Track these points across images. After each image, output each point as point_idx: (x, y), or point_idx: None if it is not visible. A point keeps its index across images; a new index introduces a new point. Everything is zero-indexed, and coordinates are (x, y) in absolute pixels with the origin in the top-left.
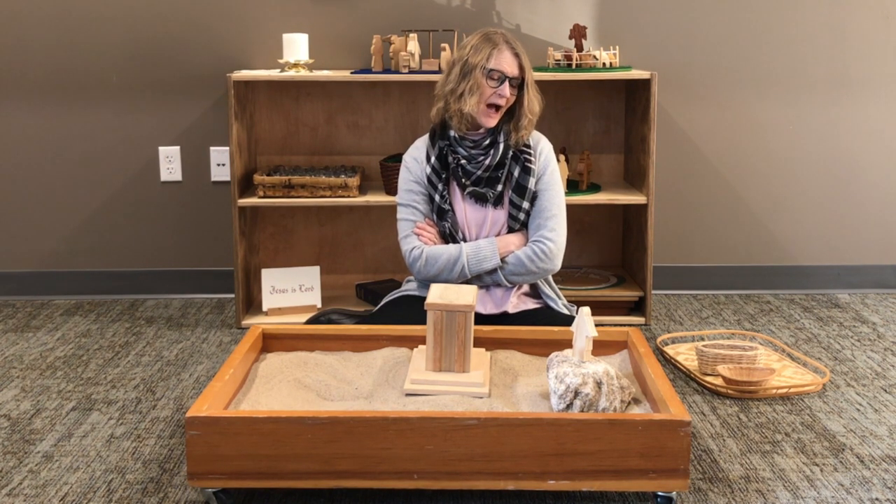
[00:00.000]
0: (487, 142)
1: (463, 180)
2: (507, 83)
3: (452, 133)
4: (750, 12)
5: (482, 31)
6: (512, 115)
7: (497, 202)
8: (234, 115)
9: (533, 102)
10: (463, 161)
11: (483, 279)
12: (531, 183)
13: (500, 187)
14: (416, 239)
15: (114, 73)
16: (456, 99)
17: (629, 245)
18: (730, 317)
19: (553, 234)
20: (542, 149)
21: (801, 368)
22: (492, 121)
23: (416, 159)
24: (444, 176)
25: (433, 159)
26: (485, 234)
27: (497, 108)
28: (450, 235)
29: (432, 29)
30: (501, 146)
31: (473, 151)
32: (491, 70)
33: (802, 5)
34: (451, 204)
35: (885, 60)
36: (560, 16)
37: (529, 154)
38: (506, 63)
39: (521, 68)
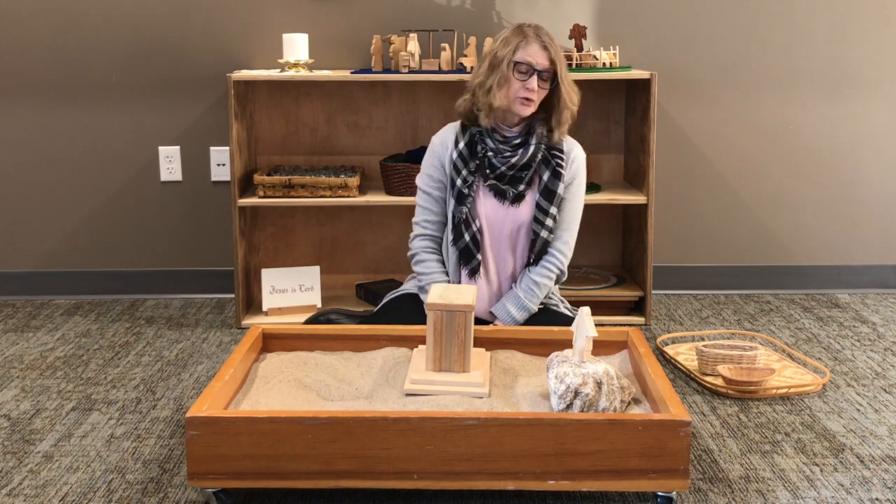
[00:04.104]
0: (518, 140)
1: (487, 171)
2: (535, 76)
3: (484, 123)
4: (750, 13)
5: (516, 25)
6: (548, 112)
7: (515, 201)
8: (234, 115)
9: (571, 94)
10: (490, 154)
11: (509, 307)
12: (560, 188)
13: (521, 187)
14: (420, 240)
15: (114, 72)
16: (485, 93)
17: (629, 245)
18: (730, 317)
19: (565, 248)
20: (576, 156)
21: (801, 368)
22: (527, 110)
23: (443, 143)
24: (471, 163)
25: (461, 144)
26: (506, 234)
27: (529, 100)
28: (465, 223)
29: (432, 29)
30: (532, 148)
31: (501, 146)
32: (518, 63)
33: (802, 5)
34: (473, 192)
35: (885, 60)
36: (560, 16)
37: (561, 159)
38: (533, 55)
39: (552, 61)
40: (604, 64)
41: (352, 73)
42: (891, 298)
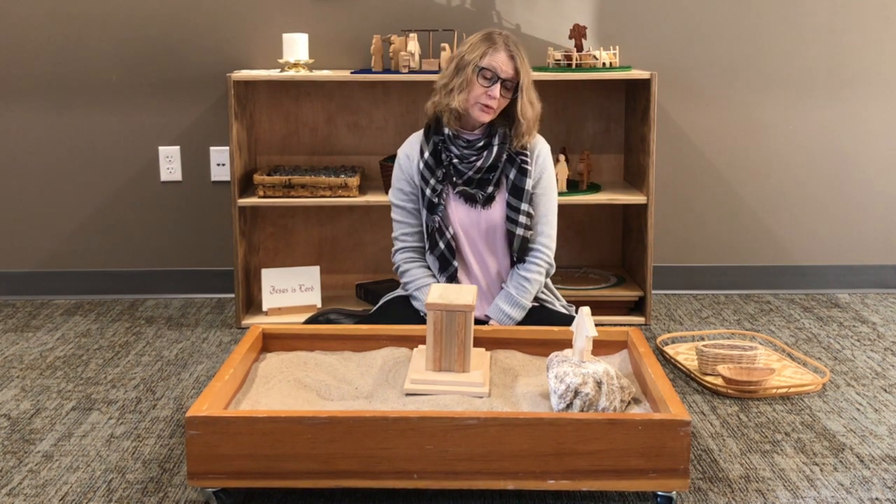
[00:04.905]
0: (481, 143)
1: (454, 178)
2: (498, 84)
3: (447, 131)
4: (750, 13)
5: (486, 31)
6: (510, 118)
7: (486, 203)
8: (234, 115)
9: (526, 108)
10: (455, 160)
11: (503, 306)
12: (528, 184)
13: (490, 189)
14: (401, 253)
15: (114, 72)
16: (446, 94)
17: (629, 245)
18: (730, 317)
19: (548, 241)
20: (540, 151)
21: (801, 368)
22: (485, 116)
23: (408, 155)
24: (438, 172)
25: (427, 154)
26: (481, 237)
27: (489, 107)
28: (438, 231)
29: (432, 29)
30: (495, 149)
31: (466, 151)
32: (483, 69)
33: (802, 5)
34: (443, 200)
35: (885, 60)
36: (560, 16)
37: (526, 156)
38: (499, 63)
39: (517, 71)
40: (604, 64)
41: (352, 73)
42: (891, 298)
